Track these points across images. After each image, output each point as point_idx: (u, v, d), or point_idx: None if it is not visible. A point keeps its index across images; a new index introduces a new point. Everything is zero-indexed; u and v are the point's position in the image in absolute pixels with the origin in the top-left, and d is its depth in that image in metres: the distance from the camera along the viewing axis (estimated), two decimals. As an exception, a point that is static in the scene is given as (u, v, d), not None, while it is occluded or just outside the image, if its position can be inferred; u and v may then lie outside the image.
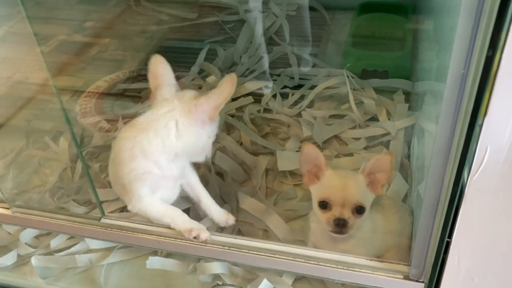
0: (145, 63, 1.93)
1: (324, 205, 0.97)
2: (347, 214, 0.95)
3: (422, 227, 0.80)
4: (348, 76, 1.61)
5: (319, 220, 0.99)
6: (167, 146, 0.98)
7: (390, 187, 1.28)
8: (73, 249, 1.24)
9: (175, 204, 1.09)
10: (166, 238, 0.99)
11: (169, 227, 1.02)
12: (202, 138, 1.02)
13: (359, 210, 0.95)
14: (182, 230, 0.99)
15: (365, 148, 1.45)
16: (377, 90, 1.64)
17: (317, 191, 1.00)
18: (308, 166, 1.01)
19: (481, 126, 0.66)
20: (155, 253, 1.22)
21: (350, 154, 1.44)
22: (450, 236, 0.78)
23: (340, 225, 0.94)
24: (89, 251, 1.24)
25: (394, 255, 1.03)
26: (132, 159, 0.98)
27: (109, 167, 1.14)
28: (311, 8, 2.04)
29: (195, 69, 1.81)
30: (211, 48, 1.92)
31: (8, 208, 1.08)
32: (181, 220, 1.00)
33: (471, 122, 0.67)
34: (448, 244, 0.79)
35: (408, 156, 1.39)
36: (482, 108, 0.65)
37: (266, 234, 1.24)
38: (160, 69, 1.03)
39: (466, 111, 0.67)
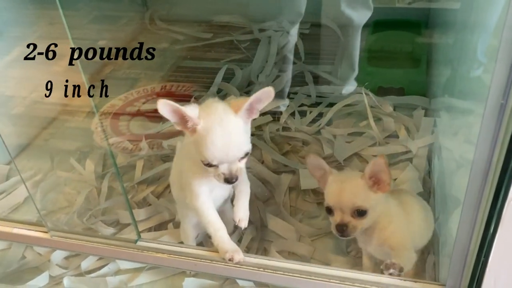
0: (164, 81, 1.98)
1: (329, 210, 1.01)
2: (347, 218, 0.97)
3: (458, 248, 0.83)
4: (365, 94, 1.64)
5: None
6: None
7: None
8: (103, 270, 1.26)
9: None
10: (202, 260, 1.01)
11: (204, 249, 1.05)
12: None
13: (360, 213, 0.97)
14: (219, 249, 1.01)
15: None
16: (394, 107, 1.67)
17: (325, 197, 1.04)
18: (317, 173, 1.06)
19: (519, 153, 0.69)
20: (183, 272, 1.24)
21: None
22: (486, 256, 0.80)
23: (342, 230, 0.97)
24: (119, 271, 1.27)
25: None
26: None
27: (174, 165, 1.19)
28: (324, 26, 2.07)
29: (213, 89, 1.84)
30: (228, 67, 1.96)
31: (46, 232, 1.11)
32: (221, 238, 1.01)
33: (508, 148, 0.70)
34: (484, 265, 0.81)
35: (429, 173, 1.42)
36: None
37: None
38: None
39: (504, 139, 0.70)
